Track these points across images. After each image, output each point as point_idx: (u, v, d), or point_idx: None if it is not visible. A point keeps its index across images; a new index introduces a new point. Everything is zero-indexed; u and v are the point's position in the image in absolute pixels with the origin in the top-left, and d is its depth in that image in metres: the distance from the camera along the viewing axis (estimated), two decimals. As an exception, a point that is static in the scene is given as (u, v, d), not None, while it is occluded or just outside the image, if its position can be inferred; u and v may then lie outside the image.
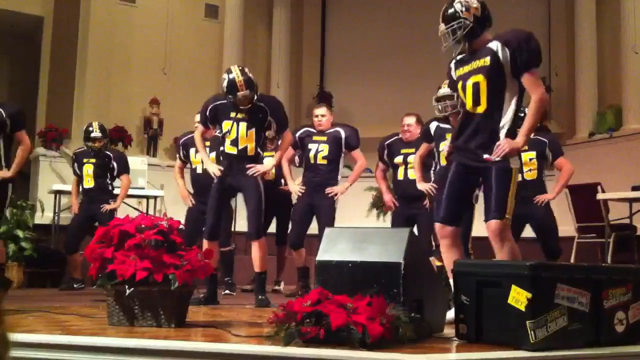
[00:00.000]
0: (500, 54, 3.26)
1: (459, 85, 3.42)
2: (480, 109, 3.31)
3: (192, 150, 5.76)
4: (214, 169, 4.68)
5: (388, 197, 5.68)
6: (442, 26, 3.38)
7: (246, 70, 4.65)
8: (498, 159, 3.21)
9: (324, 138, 5.65)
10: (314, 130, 5.70)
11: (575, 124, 9.04)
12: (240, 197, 5.04)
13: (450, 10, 3.36)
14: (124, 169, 6.44)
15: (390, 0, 10.21)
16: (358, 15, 10.44)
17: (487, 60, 3.29)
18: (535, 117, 3.27)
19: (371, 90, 10.12)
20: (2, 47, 9.77)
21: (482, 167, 3.28)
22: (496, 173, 3.23)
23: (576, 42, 9.10)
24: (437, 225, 3.43)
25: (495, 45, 3.29)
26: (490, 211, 3.23)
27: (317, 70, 10.71)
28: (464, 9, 3.33)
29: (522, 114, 3.42)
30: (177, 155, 6.07)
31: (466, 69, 3.41)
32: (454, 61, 3.53)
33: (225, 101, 4.64)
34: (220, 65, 9.31)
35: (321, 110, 5.74)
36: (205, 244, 4.51)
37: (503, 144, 3.20)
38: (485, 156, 3.25)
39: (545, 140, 5.42)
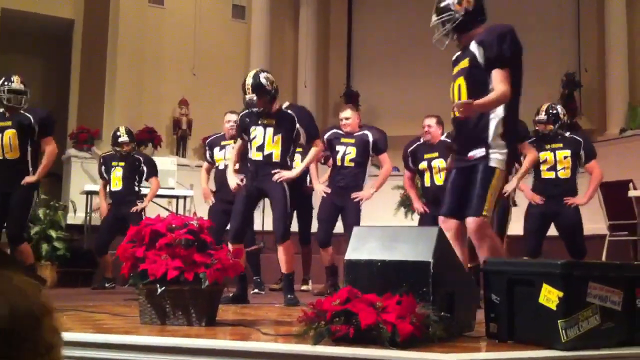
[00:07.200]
0: (477, 54, 3.21)
1: (450, 86, 3.38)
2: None
3: (216, 149, 5.85)
4: (233, 183, 4.69)
5: (418, 205, 5.63)
6: (434, 17, 3.37)
7: (262, 75, 4.55)
8: (462, 114, 3.12)
9: (352, 140, 5.64)
10: (342, 132, 5.69)
11: (606, 120, 8.91)
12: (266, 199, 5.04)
13: (443, 3, 3.33)
14: (154, 172, 6.59)
15: (417, -2, 10.17)
16: (384, 13, 10.40)
17: (466, 62, 3.25)
18: (490, 102, 3.13)
19: (398, 88, 10.07)
20: (35, 50, 9.93)
21: (471, 166, 3.27)
22: (481, 170, 3.22)
23: (606, 36, 8.97)
24: (440, 219, 3.41)
25: (474, 45, 3.24)
26: (468, 208, 3.22)
27: (343, 69, 10.70)
28: (455, 1, 3.29)
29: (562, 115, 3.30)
30: (205, 157, 6.14)
31: (455, 69, 3.37)
32: (453, 58, 3.47)
33: (253, 110, 4.64)
34: (247, 65, 9.35)
35: (346, 113, 5.73)
36: (230, 247, 4.51)
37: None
38: (470, 154, 3.24)
39: (581, 140, 5.43)
